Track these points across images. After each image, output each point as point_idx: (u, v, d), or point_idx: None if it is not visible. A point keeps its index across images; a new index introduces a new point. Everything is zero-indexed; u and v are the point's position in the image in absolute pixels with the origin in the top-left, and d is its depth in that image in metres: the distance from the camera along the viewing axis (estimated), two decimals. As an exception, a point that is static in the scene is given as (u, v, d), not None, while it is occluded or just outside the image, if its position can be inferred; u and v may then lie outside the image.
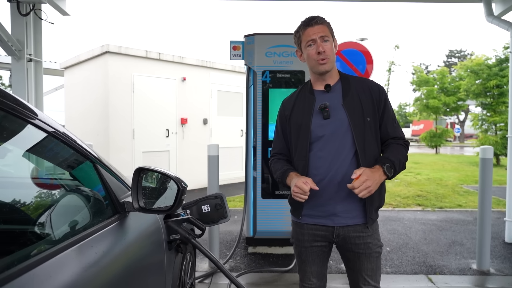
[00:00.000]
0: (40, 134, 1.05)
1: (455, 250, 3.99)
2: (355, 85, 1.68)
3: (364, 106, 1.62)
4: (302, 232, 1.70)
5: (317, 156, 1.61)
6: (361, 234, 1.62)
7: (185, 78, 7.37)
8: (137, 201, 1.26)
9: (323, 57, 1.59)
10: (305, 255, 1.72)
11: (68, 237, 0.98)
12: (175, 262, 1.71)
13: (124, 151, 6.56)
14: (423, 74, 18.33)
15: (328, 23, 1.67)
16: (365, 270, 1.64)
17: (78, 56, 7.13)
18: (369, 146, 1.60)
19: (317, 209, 1.64)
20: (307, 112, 1.65)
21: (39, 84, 3.98)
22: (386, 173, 1.53)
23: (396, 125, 1.70)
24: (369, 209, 1.61)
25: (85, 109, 7.08)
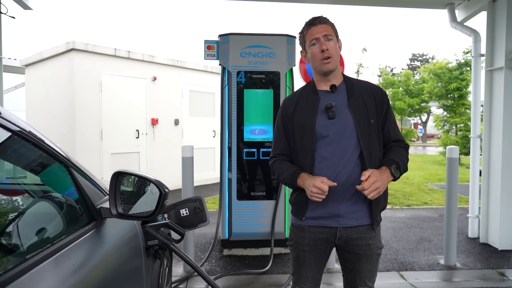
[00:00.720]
0: (3, 133, 0.96)
1: (424, 247, 4.14)
2: (359, 87, 1.68)
3: (368, 108, 1.63)
4: (302, 235, 1.67)
5: (321, 156, 1.59)
6: (363, 236, 1.61)
7: (155, 78, 7.19)
8: (115, 207, 1.19)
9: (327, 55, 1.58)
10: (303, 259, 1.69)
11: (40, 249, 0.90)
12: (153, 268, 1.64)
13: (92, 153, 6.30)
14: (389, 76, 18.98)
15: (332, 23, 1.67)
16: (363, 271, 1.64)
17: (41, 53, 6.76)
18: (374, 148, 1.60)
19: (320, 210, 1.61)
20: (312, 111, 1.62)
21: (-1, 82, 3.73)
22: (393, 174, 1.54)
23: (396, 128, 1.73)
24: (375, 211, 1.61)
25: (48, 109, 6.73)
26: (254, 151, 3.65)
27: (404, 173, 1.65)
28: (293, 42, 3.73)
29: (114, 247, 1.25)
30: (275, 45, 3.64)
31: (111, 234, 1.25)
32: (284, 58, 3.68)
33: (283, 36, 3.69)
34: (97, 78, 6.32)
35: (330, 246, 1.66)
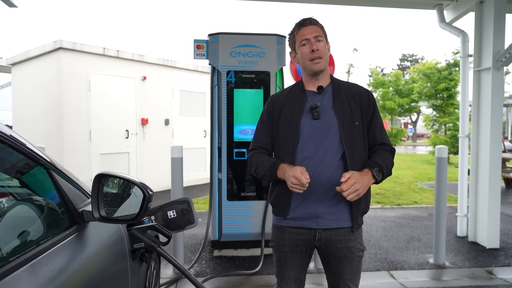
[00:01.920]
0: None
1: (414, 246, 4.16)
2: (345, 89, 1.68)
3: (353, 110, 1.62)
4: (283, 236, 1.66)
5: (303, 155, 1.59)
6: (343, 238, 1.60)
7: (145, 77, 7.11)
8: (98, 210, 1.16)
9: (317, 55, 1.58)
10: (285, 260, 1.68)
11: (17, 254, 0.87)
12: (139, 272, 1.61)
13: (80, 153, 6.20)
14: (379, 76, 19.12)
15: (322, 25, 1.67)
16: (345, 274, 1.63)
17: (28, 52, 6.64)
18: (357, 150, 1.60)
19: (301, 211, 1.60)
20: (298, 110, 1.62)
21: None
22: (375, 177, 1.53)
23: (383, 131, 1.72)
24: (355, 214, 1.60)
25: (36, 108, 6.61)
26: (244, 151, 3.63)
27: (388, 176, 1.64)
28: (283, 42, 3.72)
29: (96, 251, 1.22)
30: (265, 45, 3.62)
31: (93, 237, 1.22)
32: (274, 58, 3.67)
33: (273, 36, 3.67)
34: (86, 77, 6.23)
35: (310, 247, 1.65)
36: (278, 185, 1.66)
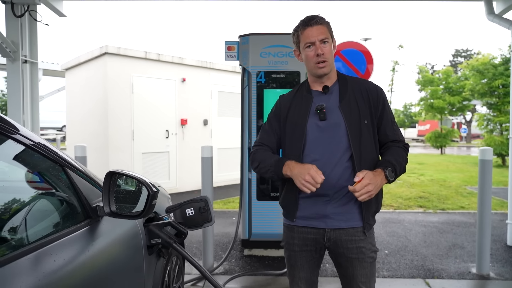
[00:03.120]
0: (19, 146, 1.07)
1: (455, 254, 3.91)
2: (353, 86, 1.64)
3: (361, 108, 1.58)
4: (292, 235, 1.65)
5: (311, 157, 1.56)
6: (353, 238, 1.57)
7: (185, 79, 7.35)
8: (109, 205, 1.22)
9: (322, 60, 1.54)
10: (294, 260, 1.67)
11: (26, 244, 0.94)
12: (156, 266, 1.67)
13: (123, 152, 6.55)
14: (427, 74, 18.15)
15: (328, 22, 1.62)
16: (358, 277, 1.59)
17: (78, 58, 7.14)
18: (365, 149, 1.55)
19: (309, 210, 1.59)
20: (304, 112, 1.61)
21: (34, 85, 3.98)
22: (388, 177, 1.48)
23: (395, 127, 1.65)
24: (366, 214, 1.56)
25: (85, 110, 7.09)
26: (274, 151, 3.62)
27: (401, 174, 1.57)
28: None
29: (109, 244, 1.28)
30: (295, 44, 3.59)
31: (106, 231, 1.29)
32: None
33: (303, 35, 3.62)
34: (129, 80, 6.57)
35: (320, 247, 1.62)
36: (286, 187, 1.64)
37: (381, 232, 4.67)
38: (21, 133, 1.10)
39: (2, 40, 3.55)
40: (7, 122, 1.06)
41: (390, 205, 6.24)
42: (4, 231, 0.98)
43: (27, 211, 1.13)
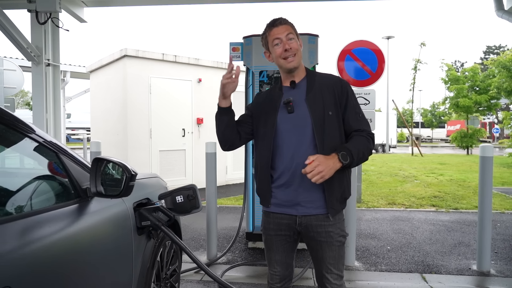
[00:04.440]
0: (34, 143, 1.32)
1: (459, 251, 3.90)
2: (320, 81, 1.76)
3: (326, 100, 1.69)
4: (268, 221, 1.79)
5: (281, 148, 1.70)
6: (322, 223, 1.68)
7: (200, 80, 7.60)
8: (95, 186, 1.42)
9: (290, 54, 1.67)
10: (270, 243, 1.81)
11: (21, 212, 1.16)
12: (146, 246, 1.87)
13: (142, 150, 6.87)
14: (453, 71, 17.61)
15: (292, 23, 1.75)
16: (327, 258, 1.71)
17: (101, 60, 7.54)
18: (329, 139, 1.66)
19: (282, 197, 1.72)
20: (274, 106, 1.74)
21: (56, 86, 4.31)
22: (341, 160, 1.57)
23: (360, 118, 1.75)
24: (329, 199, 1.67)
25: (106, 110, 7.49)
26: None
27: (363, 161, 1.69)
28: (315, 41, 3.78)
29: (97, 221, 1.48)
30: (297, 44, 3.72)
31: (95, 210, 1.48)
32: (305, 57, 3.74)
33: (304, 36, 3.74)
34: (147, 81, 6.89)
35: (293, 232, 1.74)
36: (258, 177, 1.78)
37: (387, 229, 4.71)
38: (36, 133, 1.33)
39: (27, 45, 3.89)
40: (26, 125, 1.29)
41: (401, 204, 6.22)
42: (12, 201, 1.21)
43: (31, 189, 1.34)
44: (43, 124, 4.07)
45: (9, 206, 1.22)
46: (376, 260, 3.64)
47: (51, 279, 1.14)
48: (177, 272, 2.45)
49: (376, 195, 6.98)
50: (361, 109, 1.79)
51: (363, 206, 6.07)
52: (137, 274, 1.76)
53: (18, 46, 3.80)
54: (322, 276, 1.75)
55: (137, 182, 2.03)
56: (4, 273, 0.94)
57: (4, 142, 1.41)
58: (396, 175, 9.92)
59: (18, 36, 3.74)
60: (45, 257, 1.13)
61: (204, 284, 3.08)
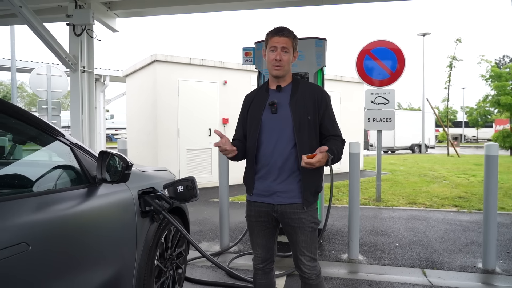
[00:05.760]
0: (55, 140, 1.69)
1: (469, 250, 3.91)
2: (303, 88, 1.99)
3: (307, 106, 1.93)
4: (250, 208, 2.04)
5: (264, 144, 1.95)
6: (295, 211, 1.91)
7: (226, 81, 7.95)
8: (101, 174, 1.75)
9: (279, 65, 1.91)
10: (252, 228, 2.06)
11: (51, 189, 1.53)
12: (149, 228, 2.19)
13: (170, 149, 7.35)
14: (494, 68, 16.74)
15: (294, 36, 1.96)
16: (300, 242, 1.94)
17: (135, 65, 8.12)
18: (307, 140, 1.90)
19: (262, 189, 1.97)
20: (260, 106, 1.99)
21: (91, 90, 4.82)
22: (328, 160, 1.81)
23: (335, 125, 2.00)
24: (305, 192, 1.90)
25: (139, 111, 8.05)
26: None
27: (337, 162, 1.89)
28: (322, 44, 3.95)
29: (104, 204, 1.81)
30: (304, 48, 3.91)
31: (102, 194, 1.81)
32: (313, 60, 3.93)
33: (312, 40, 3.94)
34: (175, 84, 7.35)
35: (271, 218, 1.98)
36: (245, 169, 2.04)
37: (400, 227, 4.77)
38: (72, 140, 1.70)
39: (65, 55, 4.41)
40: (57, 130, 1.67)
41: (422, 204, 6.19)
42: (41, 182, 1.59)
43: (54, 174, 1.71)
44: (79, 124, 4.58)
45: (39, 185, 1.59)
46: (381, 255, 3.76)
47: (61, 243, 1.47)
48: (183, 255, 2.76)
49: (397, 195, 6.96)
50: (335, 117, 2.03)
51: (382, 205, 6.11)
52: (141, 250, 2.08)
53: (57, 55, 4.32)
54: (297, 258, 1.98)
55: (144, 173, 2.38)
56: (24, 232, 1.28)
57: (39, 142, 1.80)
58: (425, 176, 9.72)
59: (57, 47, 4.26)
60: (60, 224, 1.48)
61: (213, 269, 3.38)
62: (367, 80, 6.31)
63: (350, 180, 3.66)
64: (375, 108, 6.27)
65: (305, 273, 1.97)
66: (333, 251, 3.88)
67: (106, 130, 21.07)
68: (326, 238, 4.32)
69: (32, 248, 1.29)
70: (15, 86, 10.47)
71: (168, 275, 2.49)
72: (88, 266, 1.63)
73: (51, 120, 7.72)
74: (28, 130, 1.65)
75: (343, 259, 3.65)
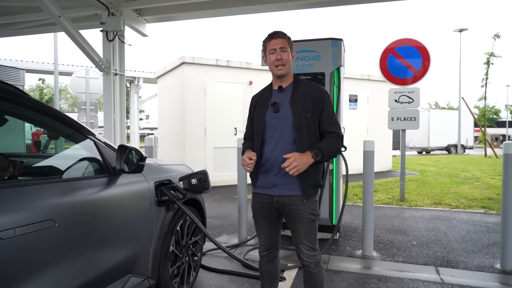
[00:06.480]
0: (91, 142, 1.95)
1: (489, 251, 3.85)
2: (303, 87, 2.13)
3: (307, 104, 2.06)
4: (255, 200, 2.21)
5: (267, 141, 2.11)
6: (295, 202, 2.05)
7: (251, 82, 8.15)
8: (120, 165, 1.99)
9: (281, 63, 2.07)
10: (256, 218, 2.23)
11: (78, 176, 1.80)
12: (165, 216, 2.41)
13: (197, 147, 7.65)
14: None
15: (288, 37, 2.14)
16: (299, 232, 2.08)
17: (165, 67, 8.52)
18: (306, 137, 2.03)
19: (265, 182, 2.13)
20: (264, 106, 2.15)
21: (122, 92, 5.18)
22: (314, 157, 1.95)
23: (333, 122, 2.11)
24: (304, 185, 2.04)
25: (169, 111, 8.44)
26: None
27: (332, 157, 2.02)
28: (338, 45, 4.03)
29: (123, 192, 2.05)
30: (320, 49, 4.02)
31: (121, 184, 2.05)
32: (329, 60, 4.03)
33: (328, 40, 4.03)
34: (202, 85, 7.64)
35: (273, 209, 2.12)
36: None
37: (420, 227, 4.74)
38: (95, 135, 1.97)
39: (99, 59, 4.79)
40: (88, 130, 1.93)
41: (447, 204, 6.06)
42: (70, 170, 1.85)
43: (82, 165, 1.97)
44: (111, 123, 4.95)
45: (69, 173, 1.86)
46: (396, 252, 3.79)
47: (83, 223, 1.72)
48: (199, 244, 2.97)
49: (423, 195, 6.84)
50: (335, 114, 2.15)
51: (405, 205, 6.05)
52: (156, 236, 2.31)
53: (92, 60, 4.71)
54: (297, 247, 2.12)
55: (161, 166, 2.61)
56: (51, 211, 1.53)
57: (70, 138, 2.07)
58: (456, 176, 9.41)
59: (92, 52, 4.64)
60: (83, 206, 1.72)
61: (229, 259, 3.57)
62: (391, 78, 6.26)
63: (364, 178, 3.72)
64: (399, 107, 6.21)
65: (304, 261, 2.10)
66: (348, 247, 3.95)
67: (143, 130, 22.00)
68: (343, 235, 4.39)
69: (58, 225, 1.53)
70: (58, 89, 11.26)
71: (184, 261, 2.70)
72: (107, 245, 1.87)
73: (89, 120, 8.29)
74: (62, 128, 1.92)
75: (357, 255, 3.71)
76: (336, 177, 4.14)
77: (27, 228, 1.40)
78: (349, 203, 6.22)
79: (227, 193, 7.20)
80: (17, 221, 1.37)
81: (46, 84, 34.48)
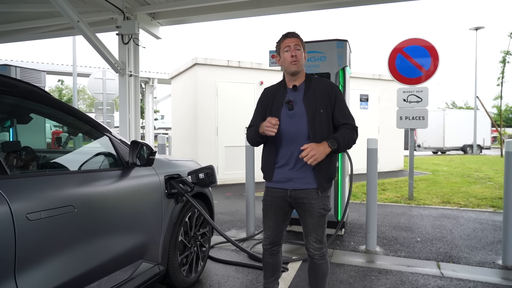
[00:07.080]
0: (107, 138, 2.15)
1: (493, 248, 3.90)
2: (315, 84, 2.24)
3: (319, 100, 2.18)
4: (267, 193, 2.30)
5: (284, 137, 2.20)
6: (308, 196, 2.15)
7: (262, 82, 8.31)
8: (132, 159, 2.18)
9: (295, 60, 2.17)
10: (265, 211, 2.31)
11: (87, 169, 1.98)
12: (174, 208, 2.59)
13: (209, 146, 7.86)
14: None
15: (301, 38, 2.25)
16: (309, 224, 2.19)
17: (178, 68, 8.76)
18: (320, 131, 2.14)
19: (281, 176, 2.22)
20: (279, 103, 2.24)
21: (137, 92, 5.42)
22: (330, 146, 2.06)
23: (346, 114, 2.22)
24: (319, 178, 2.15)
25: (183, 111, 8.67)
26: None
27: (348, 148, 2.14)
28: (343, 45, 4.15)
29: (135, 184, 2.24)
30: (326, 50, 4.15)
31: (133, 176, 2.24)
32: (334, 60, 4.15)
33: (333, 41, 4.15)
34: (214, 85, 7.84)
35: (285, 203, 2.22)
36: (263, 157, 2.30)
37: (426, 224, 4.80)
38: (111, 132, 2.16)
39: (114, 61, 5.03)
40: (104, 127, 2.13)
41: (456, 203, 6.07)
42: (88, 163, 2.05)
43: (98, 159, 2.17)
44: (126, 122, 5.19)
45: (87, 165, 2.07)
46: (400, 248, 3.88)
47: (100, 210, 1.91)
48: (207, 235, 3.14)
49: (432, 194, 6.86)
50: (347, 107, 2.26)
51: (413, 203, 6.10)
52: (166, 225, 2.49)
53: (108, 62, 4.95)
54: (306, 238, 2.23)
55: (171, 162, 2.80)
56: (72, 197, 1.72)
57: (91, 136, 2.27)
58: (469, 176, 9.34)
59: (108, 54, 4.88)
60: (98, 194, 1.91)
61: (236, 252, 3.74)
62: (400, 78, 6.32)
63: (367, 175, 3.83)
64: (408, 106, 6.26)
65: (311, 251, 2.22)
66: (353, 242, 4.06)
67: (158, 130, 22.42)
68: (348, 231, 4.50)
69: (77, 210, 1.73)
70: (76, 89, 11.68)
71: (192, 251, 2.88)
72: (120, 231, 2.06)
73: (106, 119, 8.60)
74: (81, 125, 2.12)
75: (361, 249, 3.82)
76: (341, 174, 4.25)
77: (51, 212, 1.59)
78: (357, 201, 6.31)
79: (237, 191, 7.38)
80: (42, 206, 1.57)
81: (65, 85, 35.49)
